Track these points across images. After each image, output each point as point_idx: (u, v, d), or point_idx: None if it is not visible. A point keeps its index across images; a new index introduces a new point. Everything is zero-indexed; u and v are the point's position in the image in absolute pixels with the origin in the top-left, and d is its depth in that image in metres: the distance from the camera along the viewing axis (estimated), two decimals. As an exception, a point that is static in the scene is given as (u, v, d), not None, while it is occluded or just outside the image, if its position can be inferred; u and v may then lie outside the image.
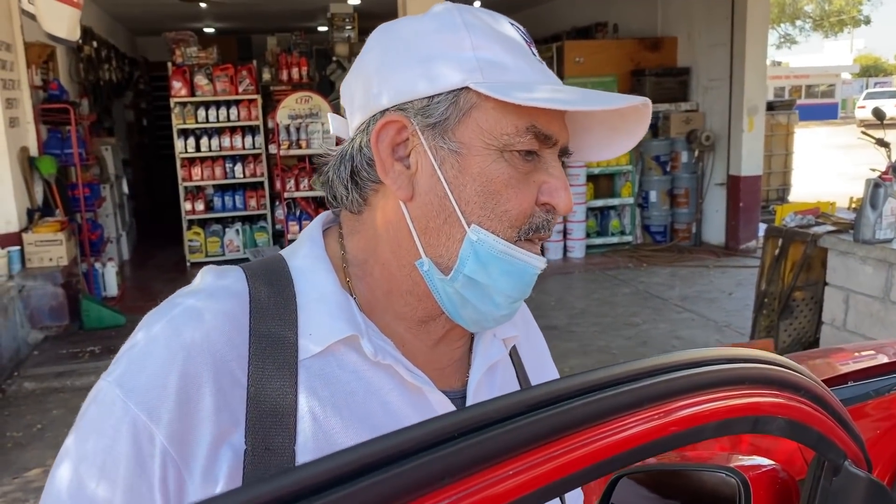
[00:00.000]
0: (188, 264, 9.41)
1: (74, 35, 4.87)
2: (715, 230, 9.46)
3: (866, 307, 4.68)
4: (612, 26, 10.82)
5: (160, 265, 9.75)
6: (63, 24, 4.44)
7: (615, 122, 0.85)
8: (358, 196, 0.85)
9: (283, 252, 0.89)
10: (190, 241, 9.42)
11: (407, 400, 0.82)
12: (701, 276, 8.21)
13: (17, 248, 6.31)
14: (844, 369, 2.23)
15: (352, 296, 0.83)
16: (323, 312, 0.80)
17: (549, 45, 10.07)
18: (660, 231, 9.64)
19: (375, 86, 0.81)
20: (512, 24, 0.84)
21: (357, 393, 0.80)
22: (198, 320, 0.76)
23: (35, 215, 6.66)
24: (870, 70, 46.47)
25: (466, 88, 0.78)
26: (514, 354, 0.98)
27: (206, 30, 13.75)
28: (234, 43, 14.16)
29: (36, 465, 4.34)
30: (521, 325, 1.02)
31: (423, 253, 0.81)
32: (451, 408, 0.84)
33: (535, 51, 0.84)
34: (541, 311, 6.98)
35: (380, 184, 0.83)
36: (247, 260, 7.19)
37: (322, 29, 13.44)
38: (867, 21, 39.50)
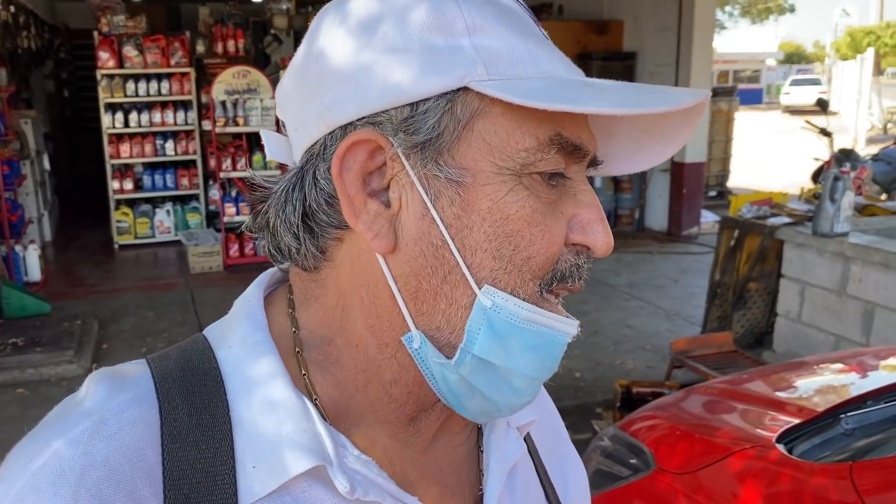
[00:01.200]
0: (116, 246, 8.94)
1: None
2: (658, 216, 9.51)
3: (822, 300, 4.69)
4: (558, 7, 10.70)
5: (86, 247, 9.22)
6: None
7: (649, 124, 0.64)
8: (314, 248, 0.61)
9: (209, 333, 0.65)
10: (118, 221, 8.94)
11: None
12: (646, 262, 8.22)
13: (-71, 230, 5.81)
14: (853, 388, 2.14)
15: (311, 398, 0.60)
16: (270, 432, 0.57)
17: (495, 25, 9.87)
18: (604, 216, 9.63)
19: (331, 89, 0.58)
20: None
21: None
22: (79, 474, 0.52)
23: (-52, 195, 6.15)
24: (793, 57, 47.94)
25: (465, 90, 0.56)
26: (527, 439, 0.76)
27: (133, -3, 13.05)
28: (164, 12, 13.49)
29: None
30: (538, 398, 0.79)
31: (412, 325, 0.59)
32: None
33: (542, 29, 0.63)
34: (490, 298, 6.85)
35: (345, 230, 0.60)
36: (178, 243, 6.82)
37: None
38: (792, 9, 40.67)
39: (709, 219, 9.55)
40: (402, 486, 0.62)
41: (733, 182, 12.31)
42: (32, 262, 7.28)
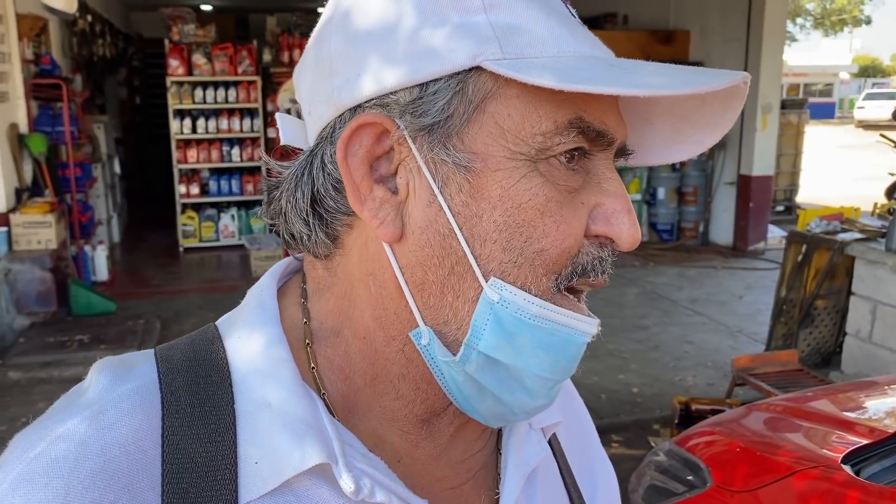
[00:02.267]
0: (181, 249, 9.16)
1: (72, 7, 4.61)
2: (723, 230, 9.28)
3: (895, 319, 4.48)
4: (623, 17, 10.58)
5: (152, 249, 9.47)
6: (60, -6, 4.17)
7: (687, 110, 0.59)
8: (324, 235, 0.59)
9: (221, 323, 0.63)
10: (184, 225, 9.16)
11: None
12: (709, 277, 8.02)
13: (4, 229, 6.03)
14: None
15: (319, 392, 0.58)
16: (274, 426, 0.55)
17: (559, 35, 9.81)
18: (666, 229, 9.45)
19: (342, 70, 0.56)
20: None
21: None
22: (73, 465, 0.50)
23: (23, 195, 6.38)
24: (868, 70, 46.44)
25: (478, 69, 0.53)
26: (553, 442, 0.72)
27: (203, 7, 13.37)
28: (232, 21, 13.83)
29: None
30: (566, 399, 0.76)
31: (420, 320, 0.56)
32: None
33: (572, 9, 0.59)
34: (547, 309, 6.77)
35: (354, 216, 0.57)
36: (242, 247, 6.93)
37: (322, 10, 13.12)
38: (868, 21, 39.43)
39: (776, 234, 9.27)
40: (411, 488, 0.58)
41: (802, 197, 11.95)
42: (100, 263, 7.50)
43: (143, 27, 14.44)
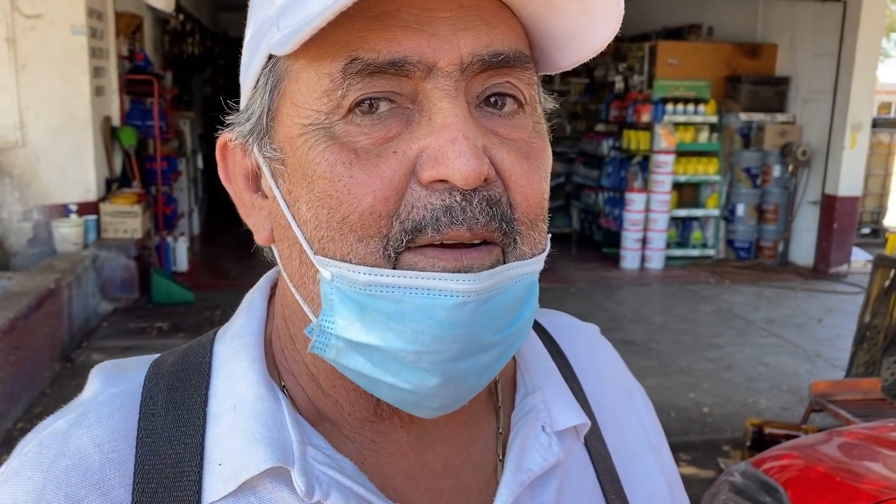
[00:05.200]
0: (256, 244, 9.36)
1: (171, 7, 4.80)
2: (804, 250, 8.98)
3: None
4: (707, 28, 10.36)
5: (229, 243, 9.72)
6: (160, -7, 4.35)
7: None
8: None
9: (222, 326, 0.65)
10: (261, 221, 9.37)
11: None
12: (787, 298, 7.78)
13: (94, 217, 6.29)
14: None
15: (284, 393, 0.58)
16: (236, 429, 0.55)
17: (641, 45, 9.69)
18: (744, 247, 9.21)
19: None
20: None
21: None
22: (51, 461, 0.54)
23: (113, 186, 6.65)
24: (966, 91, 44.25)
25: (271, 58, 0.53)
26: (592, 444, 0.66)
27: (290, 9, 13.72)
28: (316, 24, 14.13)
29: (98, 443, 4.26)
30: (615, 398, 0.71)
31: (308, 313, 0.54)
32: None
33: None
34: (617, 323, 6.68)
35: None
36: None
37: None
38: (968, 39, 37.56)
39: (860, 257, 8.93)
40: (382, 488, 0.57)
41: (891, 219, 11.48)
42: (181, 253, 7.75)
43: (231, 27, 14.87)
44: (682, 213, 8.96)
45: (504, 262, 0.52)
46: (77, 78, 6.11)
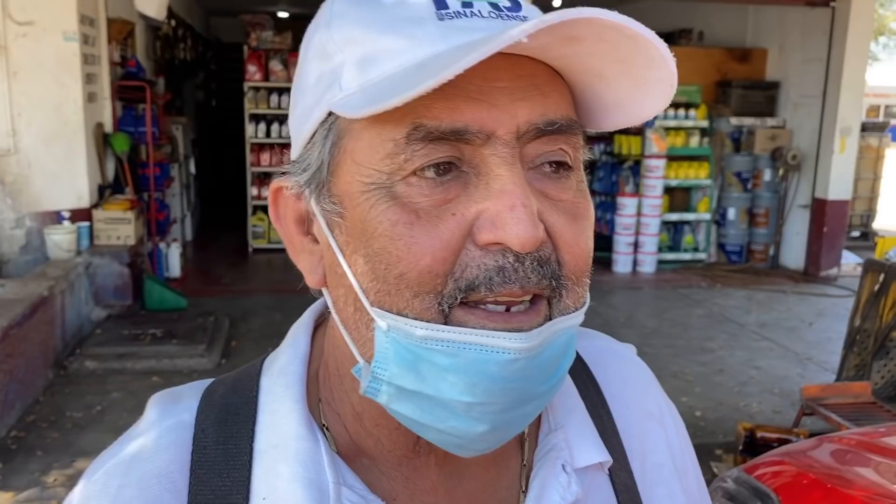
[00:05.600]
0: (250, 250, 9.38)
1: (162, 14, 4.81)
2: (794, 254, 9.04)
3: (977, 356, 4.31)
4: (698, 33, 10.43)
5: (222, 248, 9.73)
6: (153, 3, 4.36)
7: (635, 65, 0.54)
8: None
9: (268, 357, 0.68)
10: (254, 226, 9.39)
11: None
12: (779, 301, 7.83)
13: (87, 224, 6.28)
14: None
15: (324, 433, 0.61)
16: (279, 469, 0.59)
17: (632, 50, 9.72)
18: (735, 251, 9.26)
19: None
20: None
21: None
22: (116, 491, 0.59)
23: (106, 192, 6.64)
24: (954, 93, 44.53)
25: (330, 114, 0.56)
26: (617, 475, 0.68)
27: (281, 14, 13.71)
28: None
29: (94, 450, 4.25)
30: (640, 423, 0.72)
31: (357, 355, 0.57)
32: None
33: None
34: (609, 328, 6.71)
35: None
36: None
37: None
38: (956, 42, 37.85)
39: (850, 260, 8.99)
40: None
41: (881, 223, 11.56)
42: (174, 260, 7.74)
43: (222, 32, 14.86)
44: (674, 217, 9.00)
45: (550, 317, 0.55)
46: (69, 84, 6.10)
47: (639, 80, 0.55)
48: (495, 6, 0.54)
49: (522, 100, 0.53)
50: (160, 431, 0.62)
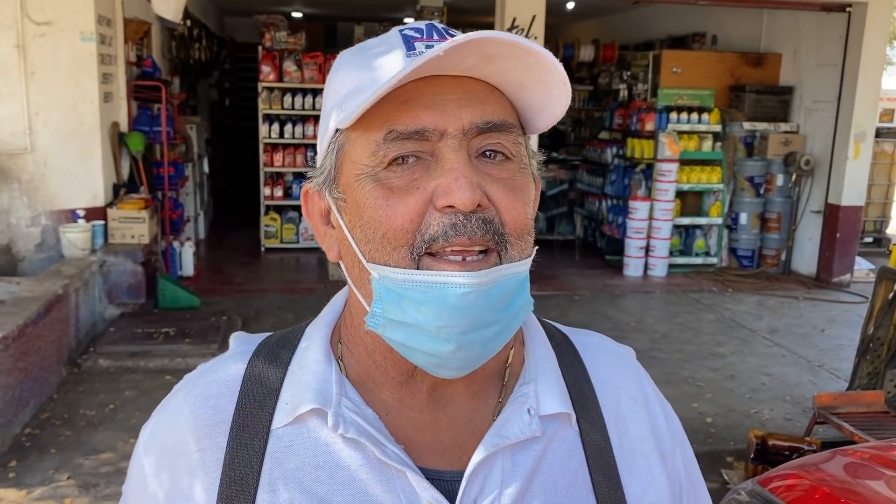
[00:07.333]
0: (262, 249, 9.41)
1: (179, 17, 4.83)
2: (806, 260, 9.00)
3: None
4: (711, 37, 10.40)
5: (235, 247, 9.77)
6: (171, 6, 4.39)
7: (539, 73, 0.72)
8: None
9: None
10: (266, 226, 9.42)
11: (378, 478, 0.75)
12: (790, 307, 7.80)
13: (102, 222, 6.32)
14: None
15: (339, 363, 0.82)
16: (300, 382, 0.79)
17: (645, 53, 9.73)
18: (747, 255, 9.22)
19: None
20: (402, 31, 0.76)
21: (323, 468, 0.76)
22: (189, 387, 0.84)
23: (120, 191, 6.68)
24: (969, 98, 44.15)
25: (337, 131, 0.76)
26: (588, 433, 0.82)
27: (294, 14, 13.74)
28: (321, 29, 14.15)
29: (107, 448, 4.29)
30: (622, 402, 0.85)
31: (365, 305, 0.76)
32: (433, 492, 0.75)
33: (438, 32, 0.74)
34: (620, 332, 6.71)
35: None
36: (319, 250, 7.17)
37: (409, 21, 13.28)
38: (972, 46, 37.53)
39: (863, 267, 8.95)
40: (395, 435, 0.77)
41: (894, 229, 11.50)
42: (187, 258, 7.78)
43: (237, 32, 14.90)
44: (686, 221, 8.98)
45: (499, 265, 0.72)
46: (86, 84, 6.15)
47: (546, 84, 0.73)
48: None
49: (466, 107, 0.72)
50: (229, 356, 0.86)
